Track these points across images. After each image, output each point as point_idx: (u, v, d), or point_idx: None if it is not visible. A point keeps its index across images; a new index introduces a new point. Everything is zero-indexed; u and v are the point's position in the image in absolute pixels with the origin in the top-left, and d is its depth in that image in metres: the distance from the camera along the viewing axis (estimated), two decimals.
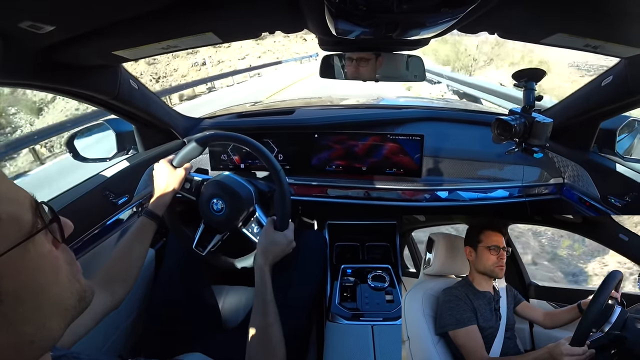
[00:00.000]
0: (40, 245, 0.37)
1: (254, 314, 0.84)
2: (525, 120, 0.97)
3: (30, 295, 0.35)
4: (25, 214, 0.36)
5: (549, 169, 1.42)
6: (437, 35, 0.95)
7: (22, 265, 0.35)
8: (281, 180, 1.00)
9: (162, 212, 1.01)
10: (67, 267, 0.41)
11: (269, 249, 0.94)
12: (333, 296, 1.32)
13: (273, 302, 0.86)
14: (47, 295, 0.37)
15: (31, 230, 0.36)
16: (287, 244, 0.98)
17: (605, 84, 1.05)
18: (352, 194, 1.46)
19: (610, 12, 0.71)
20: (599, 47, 0.87)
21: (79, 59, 0.94)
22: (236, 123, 1.67)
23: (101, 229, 1.15)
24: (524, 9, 0.79)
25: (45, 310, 0.37)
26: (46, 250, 0.38)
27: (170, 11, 0.78)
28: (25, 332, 0.34)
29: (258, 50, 25.81)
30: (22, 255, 0.35)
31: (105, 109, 1.20)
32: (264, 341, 0.80)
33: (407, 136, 1.37)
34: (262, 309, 0.84)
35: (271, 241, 0.96)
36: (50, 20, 0.65)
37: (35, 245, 0.37)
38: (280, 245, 0.96)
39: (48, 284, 0.37)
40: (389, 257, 1.59)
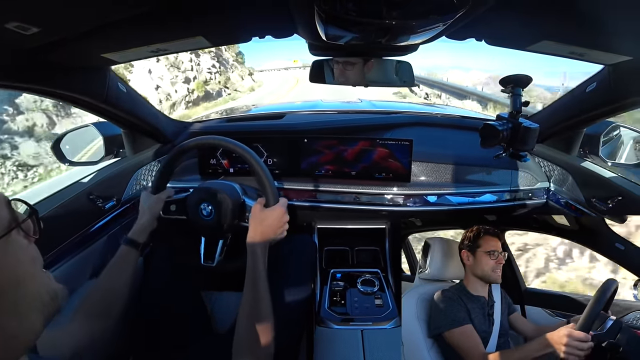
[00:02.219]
0: (18, 240, 0.39)
1: (245, 291, 0.83)
2: (513, 126, 0.98)
3: (11, 288, 0.36)
4: (2, 209, 0.38)
5: (535, 174, 1.45)
6: (426, 41, 0.96)
7: (3, 258, 0.36)
8: (253, 157, 0.99)
9: (143, 239, 0.99)
10: (40, 263, 0.42)
11: (257, 228, 0.92)
12: (322, 301, 1.32)
13: (264, 279, 0.84)
14: (26, 289, 0.38)
15: (9, 225, 0.38)
16: (277, 217, 0.94)
17: (589, 91, 1.08)
18: (341, 199, 1.46)
19: (594, 21, 0.72)
20: (583, 54, 0.89)
21: (67, 61, 0.93)
22: (225, 127, 1.66)
23: (88, 233, 1.13)
24: (510, 16, 0.80)
25: (25, 304, 0.38)
26: (24, 244, 0.40)
27: (160, 15, 0.77)
28: (9, 326, 0.36)
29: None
30: (3, 248, 0.36)
31: (93, 112, 1.19)
32: (252, 315, 0.78)
33: (396, 141, 1.38)
34: (251, 285, 0.83)
35: (259, 220, 0.93)
36: (37, 21, 0.64)
37: (13, 240, 0.38)
38: (269, 221, 0.93)
39: (26, 277, 0.39)
40: (379, 262, 1.59)
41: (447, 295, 0.97)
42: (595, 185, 1.22)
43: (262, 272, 0.85)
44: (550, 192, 1.43)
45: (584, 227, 1.12)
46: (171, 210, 1.08)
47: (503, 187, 1.43)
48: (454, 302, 0.95)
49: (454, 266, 1.06)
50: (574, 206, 1.29)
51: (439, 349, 0.94)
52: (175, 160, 1.08)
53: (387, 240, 1.63)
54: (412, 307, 0.99)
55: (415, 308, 0.99)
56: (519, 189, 1.43)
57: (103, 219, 1.21)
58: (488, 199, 1.41)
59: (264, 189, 0.98)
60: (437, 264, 1.08)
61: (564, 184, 1.36)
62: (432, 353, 0.94)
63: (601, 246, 1.09)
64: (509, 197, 1.44)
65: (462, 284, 1.01)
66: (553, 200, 1.41)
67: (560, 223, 1.15)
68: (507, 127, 0.98)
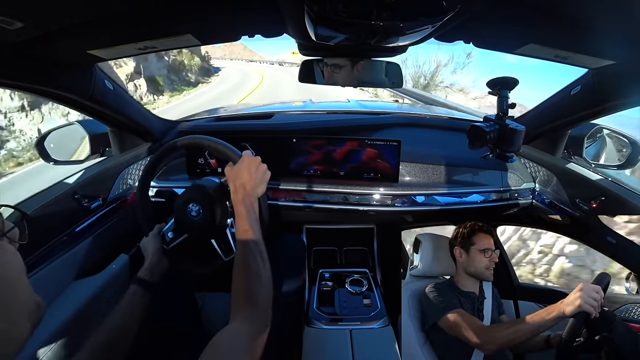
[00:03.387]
0: (7, 246, 0.40)
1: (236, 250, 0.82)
2: (499, 127, 1.00)
3: (3, 293, 0.37)
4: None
5: (521, 174, 1.47)
6: (415, 42, 0.97)
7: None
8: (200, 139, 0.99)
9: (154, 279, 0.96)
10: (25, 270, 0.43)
11: (235, 189, 0.89)
12: (311, 301, 1.32)
13: (253, 236, 0.82)
14: (16, 295, 0.39)
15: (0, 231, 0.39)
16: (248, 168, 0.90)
17: (574, 93, 1.10)
18: (330, 199, 1.46)
19: (579, 25, 0.74)
20: (567, 57, 0.90)
21: (52, 57, 0.91)
22: (214, 126, 1.65)
23: (73, 233, 1.11)
24: (498, 20, 0.82)
25: (14, 308, 0.39)
26: (12, 249, 0.41)
27: (148, 11, 0.76)
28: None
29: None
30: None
31: (78, 110, 1.16)
32: (245, 269, 0.77)
33: (384, 141, 1.38)
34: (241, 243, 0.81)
35: (232, 180, 0.91)
36: (21, 16, 0.63)
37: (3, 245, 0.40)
38: (242, 175, 0.90)
39: (15, 282, 0.39)
40: (367, 261, 1.60)
41: (438, 287, 0.98)
42: (579, 185, 1.24)
43: (249, 230, 0.82)
44: (535, 192, 1.46)
45: (575, 221, 1.13)
46: (169, 238, 1.05)
47: (490, 188, 1.45)
48: (445, 291, 0.97)
49: (445, 262, 1.07)
50: (558, 206, 1.32)
51: (432, 344, 0.95)
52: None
53: (375, 240, 1.64)
54: (404, 304, 1.00)
55: (407, 305, 1.00)
56: (505, 189, 1.46)
57: (89, 219, 1.19)
58: (475, 199, 1.43)
59: (223, 153, 0.98)
60: (427, 260, 1.09)
61: (548, 184, 1.38)
62: (425, 348, 0.95)
63: (593, 240, 1.10)
64: (496, 197, 1.46)
65: (452, 280, 1.02)
66: (538, 200, 1.44)
67: (552, 218, 1.17)
68: (494, 129, 1.00)
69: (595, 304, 0.75)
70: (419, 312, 0.99)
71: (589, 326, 0.79)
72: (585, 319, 0.76)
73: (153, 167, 1.06)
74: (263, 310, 0.73)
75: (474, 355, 0.89)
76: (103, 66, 1.12)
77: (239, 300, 0.73)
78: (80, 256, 1.13)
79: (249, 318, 0.69)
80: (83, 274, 1.14)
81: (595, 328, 0.78)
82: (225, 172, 0.95)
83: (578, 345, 0.79)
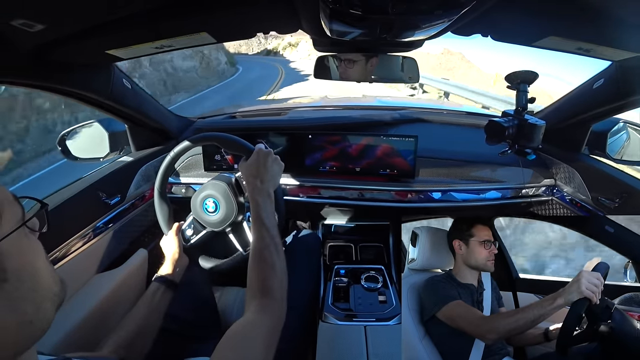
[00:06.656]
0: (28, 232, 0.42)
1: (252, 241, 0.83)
2: (518, 122, 0.98)
3: (29, 276, 0.39)
4: (14, 204, 0.41)
5: (541, 171, 1.44)
6: (432, 37, 0.96)
7: (23, 248, 0.39)
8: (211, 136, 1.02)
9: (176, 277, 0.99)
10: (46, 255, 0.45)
11: (250, 181, 0.91)
12: (326, 296, 1.32)
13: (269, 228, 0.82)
14: (41, 278, 0.41)
15: (23, 218, 0.41)
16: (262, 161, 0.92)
17: (596, 87, 1.07)
18: (345, 195, 1.46)
19: (602, 16, 0.72)
20: (590, 50, 0.87)
21: (72, 58, 0.93)
22: (229, 123, 1.67)
23: (93, 228, 1.14)
24: (516, 11, 0.79)
25: (40, 292, 0.40)
26: (33, 237, 0.43)
27: (164, 11, 0.77)
28: (26, 312, 0.38)
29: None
30: (21, 238, 0.40)
31: (97, 109, 1.19)
32: (259, 261, 0.77)
33: (400, 137, 1.37)
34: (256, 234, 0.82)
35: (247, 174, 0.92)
36: (42, 19, 0.64)
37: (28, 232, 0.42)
38: (255, 167, 0.91)
39: (41, 267, 0.41)
40: (383, 258, 1.59)
41: (436, 279, 0.99)
42: (602, 182, 1.21)
43: (265, 222, 0.83)
44: (555, 189, 1.42)
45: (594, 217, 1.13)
46: (189, 235, 1.08)
47: (508, 184, 1.43)
48: (444, 284, 0.97)
49: (443, 255, 1.07)
50: (580, 203, 1.28)
51: (432, 337, 0.95)
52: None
53: (390, 236, 1.63)
54: (403, 298, 1.01)
55: (406, 298, 1.00)
56: (523, 185, 1.43)
57: (109, 214, 1.22)
58: (493, 195, 1.41)
59: (236, 148, 0.99)
60: (425, 253, 1.08)
61: (569, 181, 1.35)
62: (425, 341, 0.94)
63: (591, 229, 1.10)
64: (514, 194, 1.43)
65: (451, 273, 1.02)
66: (558, 197, 1.40)
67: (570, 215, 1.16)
68: (512, 124, 0.98)
69: (596, 290, 0.74)
70: (418, 305, 0.99)
71: (589, 315, 0.78)
72: (585, 306, 0.75)
73: (170, 165, 1.08)
74: (278, 301, 0.73)
75: (473, 348, 0.89)
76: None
77: (254, 292, 0.73)
78: (101, 250, 1.16)
79: (263, 309, 0.70)
80: (103, 268, 1.17)
81: (595, 317, 0.77)
82: (239, 166, 0.96)
83: (578, 334, 0.79)
